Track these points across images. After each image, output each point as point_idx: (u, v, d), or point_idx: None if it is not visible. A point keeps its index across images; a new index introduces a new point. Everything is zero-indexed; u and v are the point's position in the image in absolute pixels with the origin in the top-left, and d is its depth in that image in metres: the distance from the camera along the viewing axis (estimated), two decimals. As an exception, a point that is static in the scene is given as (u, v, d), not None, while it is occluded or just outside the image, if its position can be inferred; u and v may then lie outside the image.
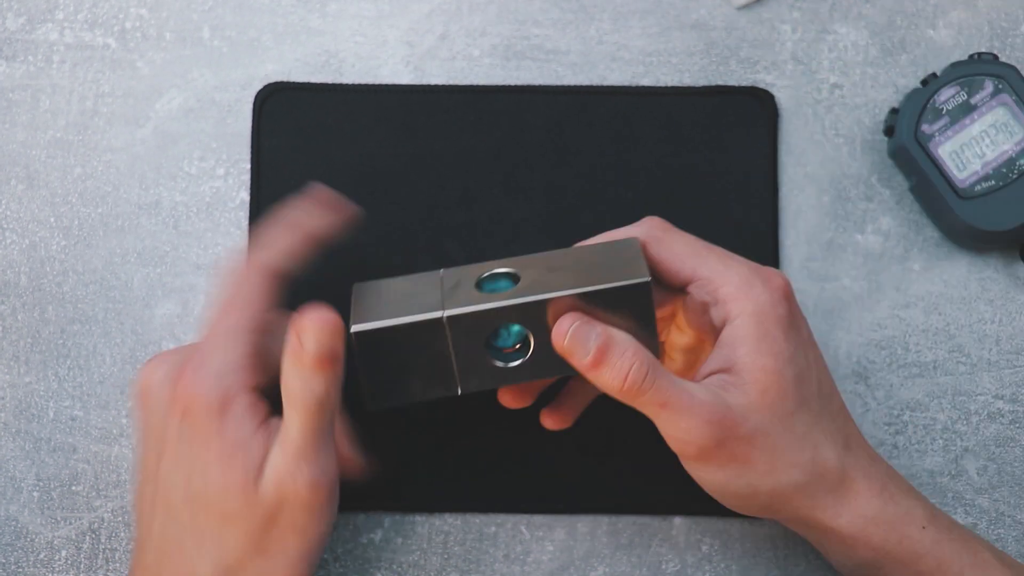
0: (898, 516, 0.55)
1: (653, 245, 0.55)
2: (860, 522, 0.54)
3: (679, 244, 0.55)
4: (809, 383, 0.54)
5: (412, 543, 0.63)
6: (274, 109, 0.65)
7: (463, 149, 0.65)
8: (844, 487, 0.54)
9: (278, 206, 0.59)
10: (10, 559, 0.63)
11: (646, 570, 0.63)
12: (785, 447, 0.53)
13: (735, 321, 0.53)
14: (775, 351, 0.53)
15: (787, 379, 0.53)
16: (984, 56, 0.64)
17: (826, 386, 0.55)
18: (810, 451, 0.53)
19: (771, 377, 0.53)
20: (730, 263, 0.54)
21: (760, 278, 0.54)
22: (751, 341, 0.53)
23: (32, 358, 0.64)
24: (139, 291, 0.65)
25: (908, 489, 0.56)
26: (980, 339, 0.64)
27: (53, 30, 0.66)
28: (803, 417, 0.53)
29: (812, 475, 0.53)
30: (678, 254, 0.55)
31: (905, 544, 0.54)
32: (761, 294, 0.53)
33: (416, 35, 0.67)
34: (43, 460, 0.64)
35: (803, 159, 0.65)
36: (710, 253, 0.55)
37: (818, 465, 0.54)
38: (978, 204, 0.62)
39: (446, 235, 0.64)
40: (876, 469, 0.55)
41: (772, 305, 0.53)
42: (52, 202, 0.65)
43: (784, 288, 0.54)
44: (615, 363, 0.52)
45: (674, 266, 0.55)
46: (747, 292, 0.53)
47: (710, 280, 0.54)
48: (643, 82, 0.66)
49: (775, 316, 0.53)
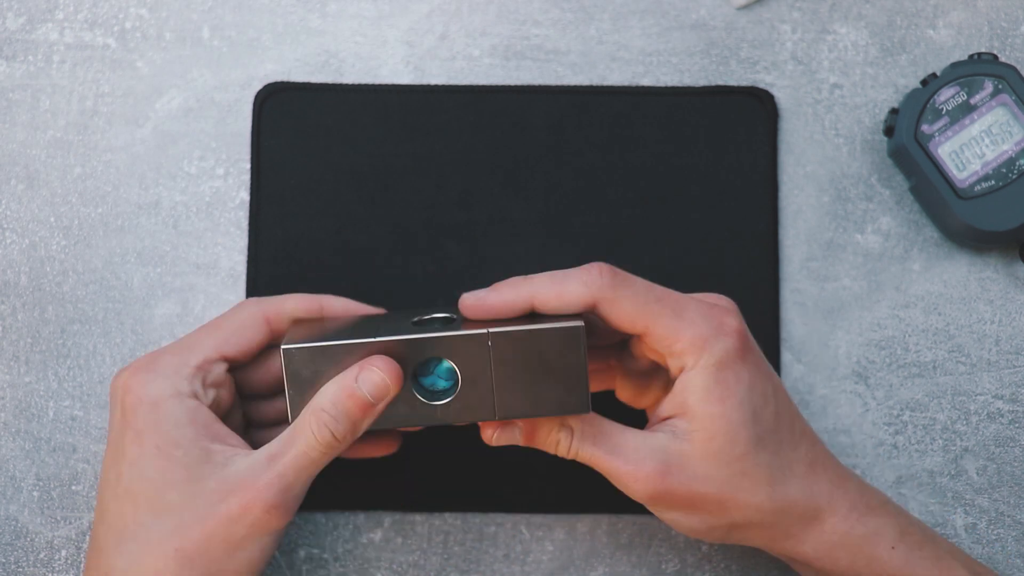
0: (866, 537, 0.55)
1: (603, 305, 0.53)
2: (825, 547, 0.54)
3: (629, 303, 0.53)
4: (765, 420, 0.54)
5: (412, 543, 0.63)
6: (274, 109, 0.65)
7: (463, 149, 0.65)
8: (807, 519, 0.54)
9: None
10: (10, 559, 0.63)
11: (646, 570, 0.63)
12: (735, 489, 0.53)
13: (689, 372, 0.53)
14: (725, 396, 0.53)
15: (737, 423, 0.53)
16: (984, 56, 0.64)
17: (786, 415, 0.55)
18: (765, 490, 0.54)
19: (719, 423, 0.53)
20: (682, 314, 0.53)
21: (712, 326, 0.53)
22: (701, 390, 0.53)
23: (32, 358, 0.64)
24: (139, 291, 0.65)
25: (879, 506, 0.56)
26: (980, 339, 0.64)
27: (53, 30, 0.66)
28: (759, 457, 0.54)
29: (770, 512, 0.54)
30: (628, 313, 0.53)
31: (874, 566, 0.55)
32: (714, 344, 0.53)
33: (416, 35, 0.67)
34: (43, 460, 0.64)
35: (803, 159, 0.65)
36: (661, 307, 0.53)
37: (777, 501, 0.54)
38: (978, 204, 0.62)
39: (446, 235, 0.64)
40: (843, 491, 0.55)
41: (725, 352, 0.53)
42: (52, 202, 0.65)
43: (737, 329, 0.54)
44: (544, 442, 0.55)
45: (625, 324, 0.54)
46: (700, 346, 0.53)
47: (664, 337, 0.53)
48: (643, 82, 0.66)
49: (728, 362, 0.53)
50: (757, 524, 0.54)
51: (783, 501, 0.54)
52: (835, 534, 0.54)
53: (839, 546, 0.54)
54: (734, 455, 0.53)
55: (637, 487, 0.53)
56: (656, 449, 0.53)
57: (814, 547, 0.54)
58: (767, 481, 0.54)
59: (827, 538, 0.54)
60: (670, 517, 0.55)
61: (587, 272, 0.53)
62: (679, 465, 0.53)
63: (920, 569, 0.55)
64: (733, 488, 0.53)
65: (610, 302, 0.53)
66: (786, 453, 0.54)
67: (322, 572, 0.63)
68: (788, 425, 0.55)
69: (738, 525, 0.54)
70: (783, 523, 0.54)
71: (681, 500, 0.53)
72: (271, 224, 0.64)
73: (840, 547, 0.54)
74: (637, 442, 0.53)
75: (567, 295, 0.53)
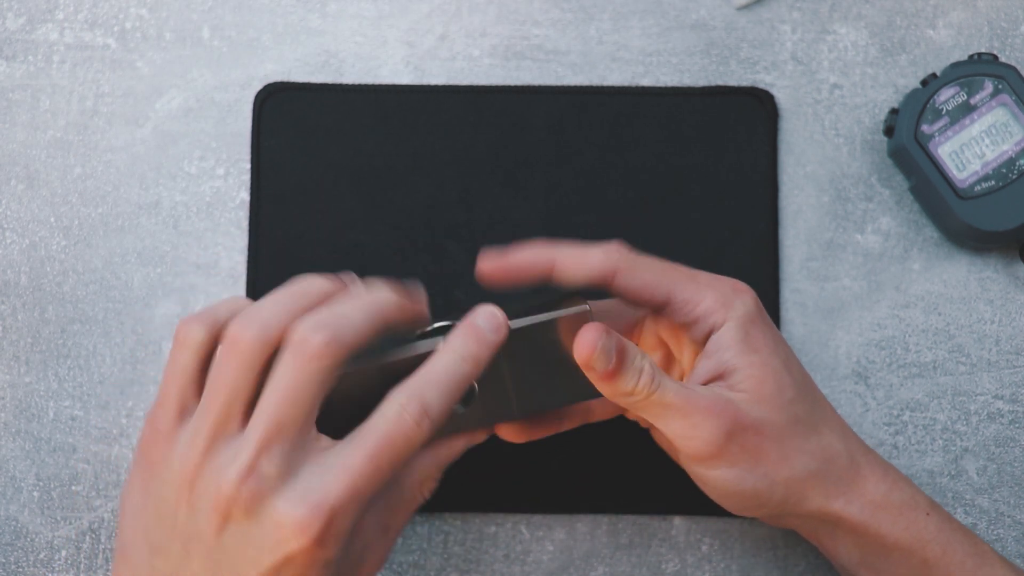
0: (904, 501, 0.55)
1: (623, 275, 0.54)
2: (870, 508, 0.55)
3: (647, 270, 0.54)
4: (796, 372, 0.55)
5: (412, 543, 0.63)
6: (274, 109, 0.65)
7: (463, 149, 0.65)
8: (852, 472, 0.55)
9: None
10: (10, 559, 0.63)
11: (646, 570, 0.63)
12: (792, 435, 0.53)
13: (719, 331, 0.54)
14: (760, 347, 0.54)
15: (779, 370, 0.54)
16: (984, 56, 0.64)
17: (809, 380, 0.56)
18: (815, 437, 0.54)
19: (764, 370, 0.53)
20: (700, 280, 0.55)
21: (731, 289, 0.55)
22: (737, 343, 0.54)
23: (32, 358, 0.64)
24: (139, 291, 0.65)
25: (905, 477, 0.56)
26: (980, 339, 0.64)
27: (53, 30, 0.66)
28: (802, 405, 0.54)
29: (823, 461, 0.54)
30: (648, 282, 0.54)
31: (912, 530, 0.55)
32: (738, 304, 0.54)
33: (416, 35, 0.67)
34: (43, 460, 0.64)
35: (803, 159, 0.65)
36: (679, 275, 0.55)
37: (826, 451, 0.54)
38: (978, 204, 0.62)
39: (446, 235, 0.64)
40: (875, 455, 0.56)
41: (747, 309, 0.54)
42: (52, 202, 0.65)
43: (754, 296, 0.55)
44: (628, 371, 0.52)
45: (646, 294, 0.54)
46: (724, 304, 0.54)
47: (686, 302, 0.54)
48: (643, 82, 0.66)
49: (751, 318, 0.54)
50: (813, 475, 0.54)
51: (830, 449, 0.54)
52: (877, 494, 0.55)
53: (882, 507, 0.55)
54: (785, 399, 0.53)
55: (708, 428, 0.52)
56: (719, 395, 0.53)
57: (860, 508, 0.55)
58: (814, 428, 0.54)
59: (871, 498, 0.55)
60: (730, 477, 0.53)
61: (608, 245, 0.55)
62: (746, 410, 0.53)
63: (952, 537, 0.55)
64: (791, 432, 0.53)
65: (630, 270, 0.54)
66: (820, 406, 0.55)
67: (322, 572, 0.63)
68: (814, 388, 0.56)
69: (795, 481, 0.54)
70: (833, 474, 0.54)
71: (749, 447, 0.53)
72: (271, 224, 0.65)
73: (883, 508, 0.55)
74: (701, 390, 0.53)
75: (588, 260, 0.54)
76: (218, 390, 0.47)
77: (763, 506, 0.55)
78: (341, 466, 0.46)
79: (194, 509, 0.47)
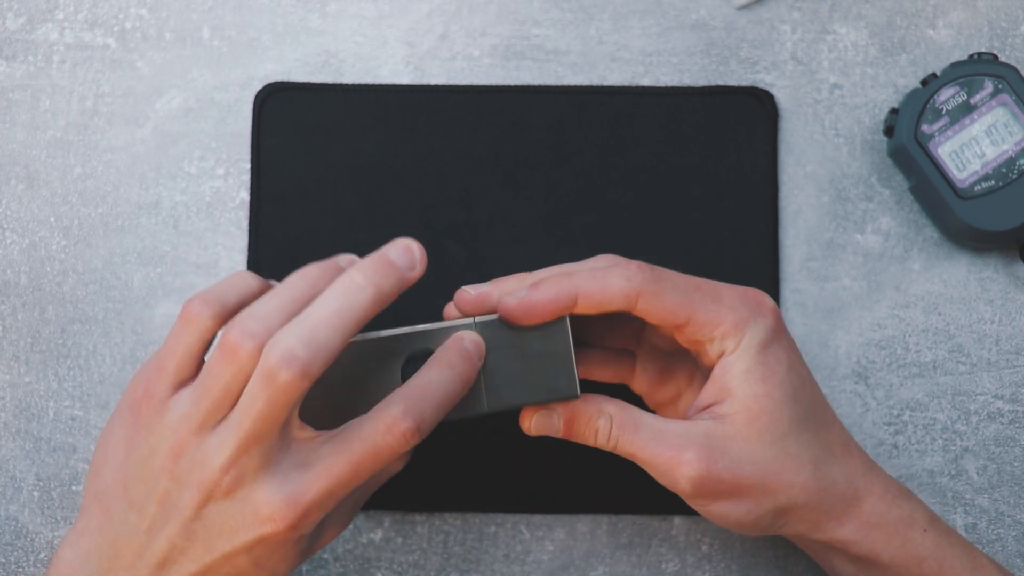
0: (900, 520, 0.55)
1: (646, 298, 0.53)
2: (864, 529, 0.54)
3: (671, 294, 0.53)
4: (804, 401, 0.54)
5: (412, 543, 0.63)
6: (274, 109, 0.65)
7: (463, 149, 0.65)
8: (848, 498, 0.54)
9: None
10: (10, 559, 0.63)
11: (646, 570, 0.63)
12: (779, 469, 0.53)
13: (729, 356, 0.54)
14: (767, 376, 0.53)
15: (780, 402, 0.53)
16: (984, 56, 0.64)
17: (820, 400, 0.56)
18: (809, 469, 0.54)
19: (761, 403, 0.53)
20: (721, 299, 0.54)
21: (750, 308, 0.54)
22: (743, 372, 0.53)
23: (32, 358, 0.64)
24: (139, 291, 0.65)
25: (907, 493, 0.56)
26: (980, 339, 0.64)
27: (53, 30, 0.66)
28: (801, 437, 0.54)
29: (815, 492, 0.54)
30: (671, 305, 0.53)
31: (907, 547, 0.55)
32: (754, 326, 0.53)
33: (416, 35, 0.67)
34: (43, 460, 0.64)
35: (803, 159, 0.65)
36: (701, 295, 0.54)
37: (821, 482, 0.54)
38: (978, 204, 0.62)
39: (446, 235, 0.64)
40: (875, 474, 0.55)
41: (765, 332, 0.54)
42: (52, 202, 0.65)
43: (774, 311, 0.55)
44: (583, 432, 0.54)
45: (667, 316, 0.53)
46: (741, 328, 0.53)
47: (705, 324, 0.53)
48: (643, 82, 0.66)
49: (768, 342, 0.54)
50: (803, 506, 0.54)
51: (825, 480, 0.54)
52: (873, 515, 0.54)
53: (877, 527, 0.55)
54: (777, 435, 0.53)
55: (681, 474, 0.52)
56: (698, 435, 0.53)
57: (855, 529, 0.54)
58: (810, 461, 0.54)
59: (866, 519, 0.54)
60: (716, 509, 0.54)
61: (626, 267, 0.53)
62: (722, 449, 0.52)
63: (950, 553, 0.55)
64: (777, 469, 0.53)
65: (653, 294, 0.53)
66: (824, 435, 0.55)
67: (322, 572, 0.63)
68: (822, 407, 0.55)
69: (784, 509, 0.54)
70: (826, 504, 0.54)
71: (726, 486, 0.53)
72: (271, 224, 0.65)
73: (878, 528, 0.55)
74: (679, 429, 0.53)
75: (610, 288, 0.53)
76: (213, 386, 0.49)
77: (753, 530, 0.55)
78: (323, 467, 0.49)
79: (177, 481, 0.49)
